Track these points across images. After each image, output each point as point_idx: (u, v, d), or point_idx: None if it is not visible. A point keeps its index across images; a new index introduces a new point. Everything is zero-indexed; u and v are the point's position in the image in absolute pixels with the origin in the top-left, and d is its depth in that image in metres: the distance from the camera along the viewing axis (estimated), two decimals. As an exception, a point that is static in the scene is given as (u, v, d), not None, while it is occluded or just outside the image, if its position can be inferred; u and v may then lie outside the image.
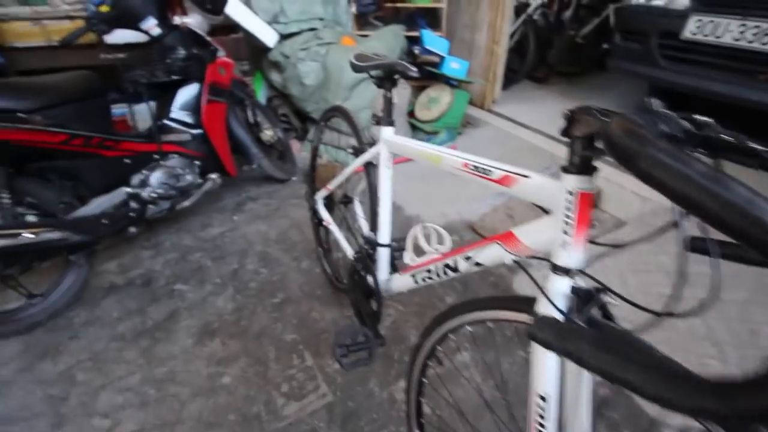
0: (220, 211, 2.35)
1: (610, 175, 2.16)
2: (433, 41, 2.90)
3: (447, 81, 2.93)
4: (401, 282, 1.09)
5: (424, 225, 1.03)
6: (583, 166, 0.57)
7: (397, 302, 1.68)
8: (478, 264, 0.80)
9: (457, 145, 2.93)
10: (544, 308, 0.64)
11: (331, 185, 1.48)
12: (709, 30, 2.33)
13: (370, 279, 1.22)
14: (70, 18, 2.28)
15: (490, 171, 0.74)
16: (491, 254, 0.77)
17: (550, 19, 3.98)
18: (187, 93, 1.97)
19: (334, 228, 1.49)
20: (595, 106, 0.56)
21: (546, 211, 0.67)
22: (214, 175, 2.03)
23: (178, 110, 1.95)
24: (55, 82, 1.56)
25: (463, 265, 0.83)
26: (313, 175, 1.80)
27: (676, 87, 2.71)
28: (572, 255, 0.60)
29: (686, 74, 2.55)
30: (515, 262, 0.74)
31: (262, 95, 3.08)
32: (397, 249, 1.25)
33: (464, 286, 1.77)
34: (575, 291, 0.61)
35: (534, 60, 4.03)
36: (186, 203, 1.98)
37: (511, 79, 3.89)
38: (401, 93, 2.80)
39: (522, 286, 1.76)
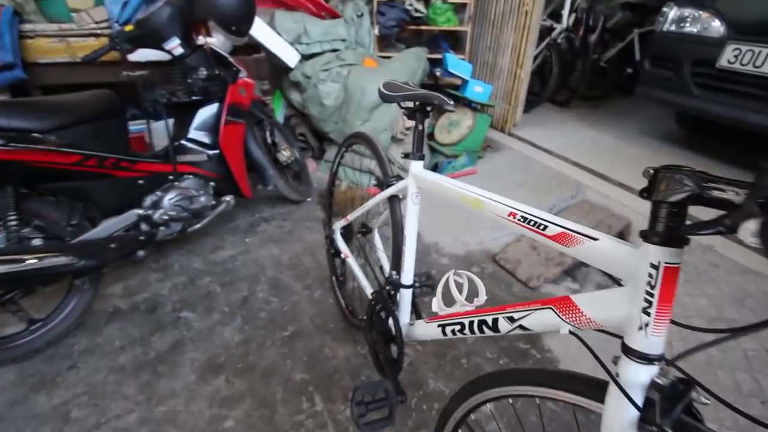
0: (233, 232, 2.28)
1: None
2: (456, 64, 2.85)
3: (469, 104, 2.86)
4: (426, 330, 0.99)
5: (456, 272, 0.92)
6: (670, 237, 0.47)
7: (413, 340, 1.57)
8: (523, 328, 0.69)
9: (478, 169, 2.84)
10: (616, 402, 0.53)
11: (351, 216, 1.40)
12: (747, 59, 2.22)
13: (390, 322, 1.12)
14: (96, 36, 2.28)
15: (545, 226, 0.64)
16: (542, 320, 0.66)
17: (575, 43, 3.92)
18: (206, 113, 1.93)
19: (352, 261, 1.40)
20: (686, 167, 0.46)
21: (617, 281, 0.56)
22: (228, 197, 1.96)
23: (196, 130, 1.91)
24: (73, 101, 1.53)
25: (504, 326, 0.73)
26: (330, 201, 1.72)
27: (708, 116, 2.59)
28: (653, 339, 0.49)
29: (721, 103, 2.43)
30: (572, 333, 0.63)
31: (280, 114, 3.05)
32: (424, 285, 1.15)
33: (487, 325, 1.64)
34: (656, 385, 0.50)
35: (556, 83, 3.95)
36: (198, 225, 1.92)
37: (532, 102, 3.82)
38: None
39: (560, 344, 1.63)
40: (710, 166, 2.73)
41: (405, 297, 1.11)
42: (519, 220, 0.69)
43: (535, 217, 0.66)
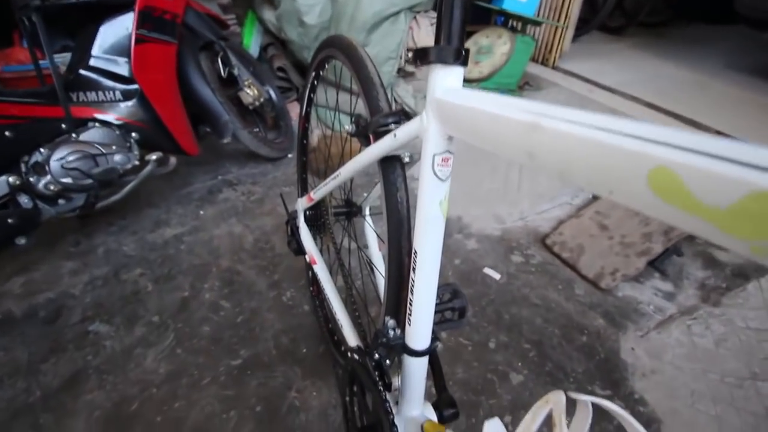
0: (184, 201, 1.70)
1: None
2: (488, -37, 2.05)
3: (504, 22, 2.10)
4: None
5: (569, 394, 0.32)
6: None
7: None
8: None
9: (513, 114, 2.14)
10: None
11: (316, 192, 0.79)
12: None
13: (382, 413, 0.54)
14: None
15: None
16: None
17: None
18: (115, 28, 1.28)
19: (321, 271, 0.81)
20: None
21: None
22: (154, 156, 1.35)
23: (100, 54, 1.27)
24: None
25: None
26: (303, 161, 1.10)
27: None
28: None
29: None
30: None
31: (254, 45, 2.34)
32: (446, 321, 0.58)
33: (538, 348, 1.08)
34: None
35: (610, 5, 3.08)
36: (116, 197, 1.34)
37: (579, 29, 2.98)
38: (429, 32, 1.98)
39: (635, 357, 1.05)
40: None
41: (413, 372, 0.53)
42: None
43: None
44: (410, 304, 0.49)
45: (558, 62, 2.54)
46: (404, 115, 0.51)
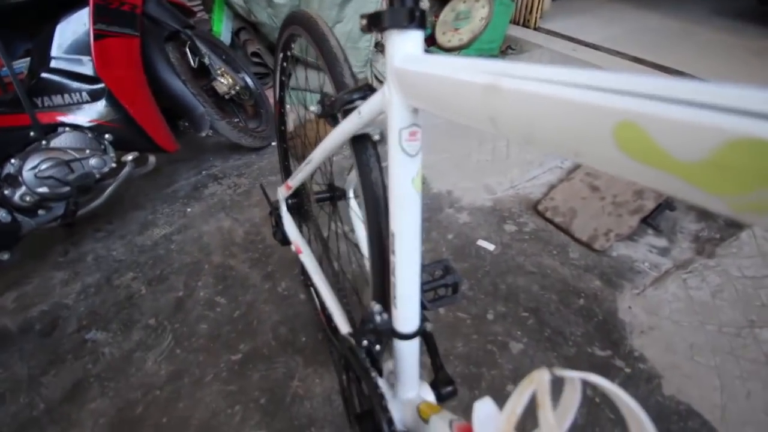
0: (170, 199, 1.67)
1: None
2: None
3: (481, -15, 2.02)
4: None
5: (554, 372, 0.30)
6: None
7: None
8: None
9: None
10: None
11: (292, 180, 0.76)
12: None
13: (375, 399, 0.54)
14: None
15: None
16: None
17: None
18: (73, 25, 1.21)
19: (307, 260, 0.79)
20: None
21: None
22: (130, 156, 1.31)
23: (60, 55, 1.21)
24: None
25: None
26: (285, 149, 1.07)
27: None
28: None
29: None
30: None
31: (224, 31, 2.24)
32: (439, 299, 0.57)
33: (536, 315, 1.08)
34: None
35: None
36: (97, 202, 1.30)
37: (560, -16, 2.88)
38: None
39: (632, 315, 1.06)
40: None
41: (405, 355, 0.52)
42: None
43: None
44: (393, 287, 0.48)
45: (539, 23, 2.47)
46: (370, 90, 0.48)
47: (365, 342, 0.51)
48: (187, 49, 1.55)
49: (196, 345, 1.11)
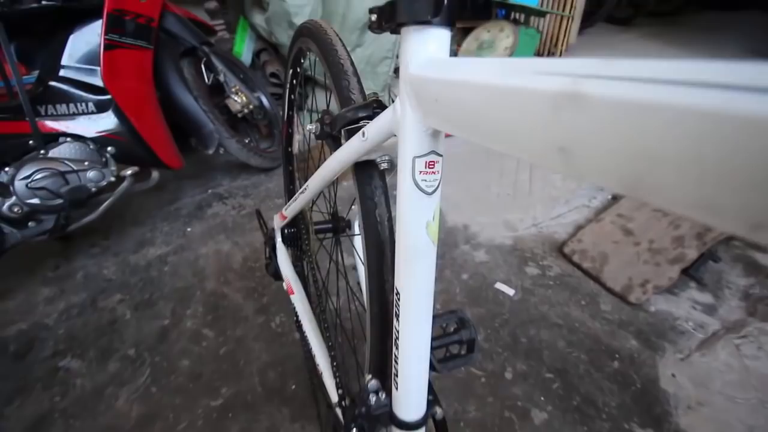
0: (171, 217, 1.59)
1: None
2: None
3: (507, 15, 1.98)
4: None
5: None
6: None
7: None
8: None
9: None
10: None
11: (288, 209, 0.66)
12: None
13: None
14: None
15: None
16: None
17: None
18: (87, 35, 1.19)
19: (298, 302, 0.68)
20: None
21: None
22: (129, 171, 1.25)
23: (71, 64, 1.18)
24: None
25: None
26: (290, 172, 0.98)
27: None
28: None
29: None
30: None
31: (246, 51, 2.25)
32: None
33: (563, 378, 0.93)
34: None
35: (618, -7, 2.95)
36: (91, 217, 1.24)
37: (584, 21, 2.85)
38: None
39: (677, 386, 0.90)
40: None
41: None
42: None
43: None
44: (395, 362, 0.36)
45: (564, 56, 2.40)
46: (379, 107, 0.38)
47: (354, 429, 0.39)
48: (203, 66, 1.52)
49: (175, 384, 0.99)
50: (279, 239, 0.77)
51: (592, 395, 0.89)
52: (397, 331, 0.35)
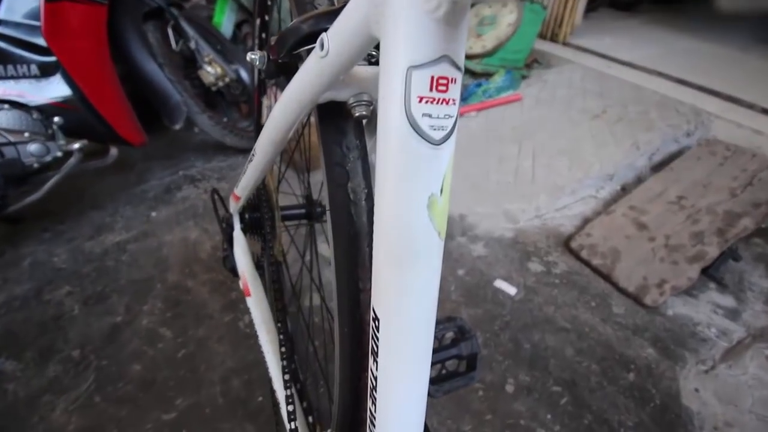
0: (136, 201, 1.43)
1: None
2: None
3: (510, -11, 1.83)
4: None
5: None
6: None
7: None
8: None
9: (522, 94, 1.86)
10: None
11: (240, 188, 0.52)
12: None
13: None
14: None
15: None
16: None
17: None
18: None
19: (254, 306, 0.54)
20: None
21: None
22: (77, 144, 1.08)
23: (10, 18, 1.00)
24: None
25: None
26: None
27: None
28: None
29: None
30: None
31: (226, 22, 2.05)
32: None
33: (572, 392, 0.81)
34: None
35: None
36: (32, 198, 1.07)
37: (588, 4, 2.70)
38: None
39: (702, 403, 0.79)
40: None
41: None
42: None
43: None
44: (372, 422, 0.23)
45: (569, 38, 2.26)
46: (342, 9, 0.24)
47: None
48: (170, 30, 1.34)
49: (122, 393, 0.85)
50: (237, 227, 0.63)
51: (606, 413, 0.77)
52: (375, 377, 0.22)
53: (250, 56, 0.33)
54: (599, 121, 1.54)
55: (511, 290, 1.02)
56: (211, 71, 1.41)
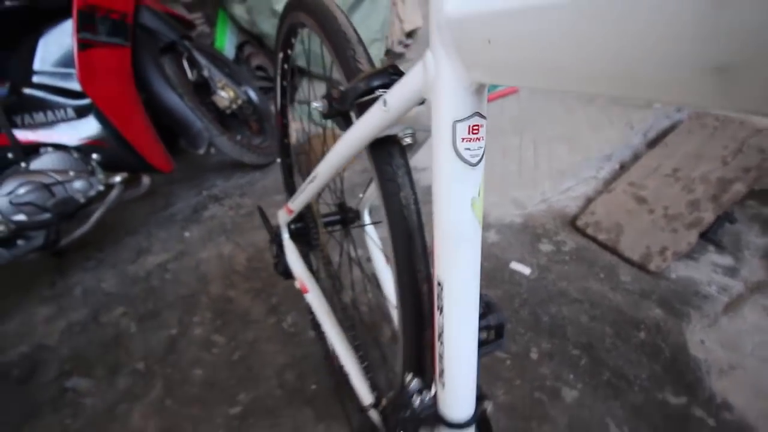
0: (166, 223, 1.54)
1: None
2: None
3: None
4: None
5: None
6: None
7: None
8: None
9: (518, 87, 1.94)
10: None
11: (293, 203, 0.62)
12: None
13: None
14: None
15: None
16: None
17: None
18: (59, 36, 1.11)
19: (314, 299, 0.64)
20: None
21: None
22: (118, 177, 1.19)
23: (46, 69, 1.11)
24: None
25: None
26: (289, 165, 0.93)
27: None
28: None
29: None
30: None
31: (228, 45, 2.16)
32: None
33: (590, 353, 0.90)
34: None
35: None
36: (83, 230, 1.18)
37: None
38: (416, 5, 1.79)
39: (707, 351, 0.87)
40: None
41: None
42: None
43: None
44: (440, 358, 0.32)
45: None
46: (396, 72, 0.34)
47: (402, 411, 0.35)
48: (185, 62, 1.44)
49: (190, 394, 0.95)
50: (286, 236, 0.73)
51: (622, 368, 0.86)
52: (441, 326, 0.31)
53: (314, 104, 0.42)
54: (594, 106, 1.63)
55: (526, 270, 1.11)
56: (224, 96, 1.51)
